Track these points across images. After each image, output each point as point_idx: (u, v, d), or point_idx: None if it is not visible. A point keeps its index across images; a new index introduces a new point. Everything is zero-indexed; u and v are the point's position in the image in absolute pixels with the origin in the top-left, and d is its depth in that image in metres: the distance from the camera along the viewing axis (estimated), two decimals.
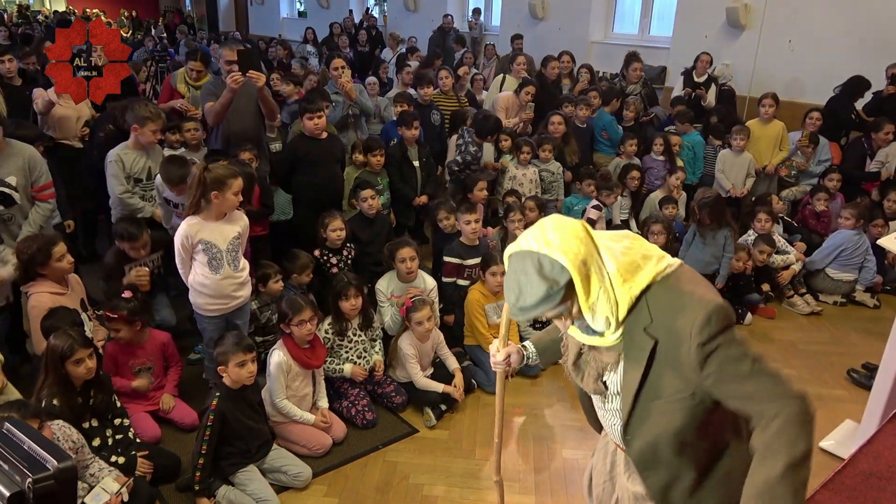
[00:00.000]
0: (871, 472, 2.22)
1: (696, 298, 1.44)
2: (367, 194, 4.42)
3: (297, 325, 3.25)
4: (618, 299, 1.47)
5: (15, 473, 0.97)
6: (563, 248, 1.43)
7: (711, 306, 1.41)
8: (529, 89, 6.08)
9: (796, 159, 6.14)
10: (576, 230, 1.46)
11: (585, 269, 1.44)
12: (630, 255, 1.49)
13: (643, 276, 1.47)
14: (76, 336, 2.82)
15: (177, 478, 3.07)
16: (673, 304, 1.46)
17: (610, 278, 1.47)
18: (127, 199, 3.99)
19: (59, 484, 0.97)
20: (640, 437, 1.62)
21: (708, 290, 1.48)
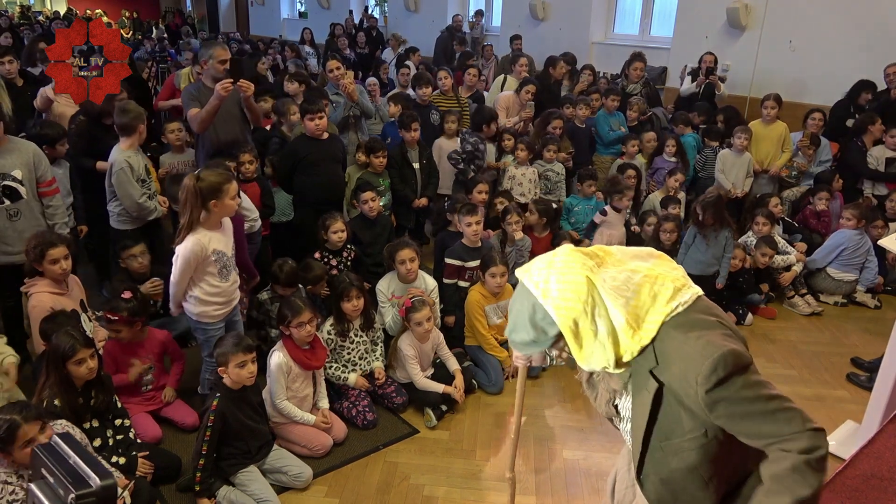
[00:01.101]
0: (871, 472, 2.22)
1: (702, 344, 1.40)
2: (367, 196, 4.42)
3: (297, 327, 3.24)
4: (622, 350, 1.46)
5: (59, 487, 1.00)
6: (558, 303, 1.44)
7: (717, 354, 1.37)
8: (530, 88, 6.09)
9: (797, 160, 6.14)
10: (577, 285, 1.44)
11: (576, 328, 1.44)
12: (641, 295, 1.45)
13: (651, 323, 1.44)
14: (78, 336, 2.82)
15: (177, 478, 3.07)
16: (680, 349, 1.43)
17: (615, 331, 1.45)
18: (144, 202, 4.01)
19: (100, 501, 0.99)
20: (653, 476, 1.60)
21: (717, 333, 1.42)
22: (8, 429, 2.28)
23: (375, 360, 3.80)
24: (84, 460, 1.08)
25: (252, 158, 4.36)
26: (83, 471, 1.05)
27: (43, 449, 1.11)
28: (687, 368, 1.40)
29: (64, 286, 3.38)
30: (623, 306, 1.44)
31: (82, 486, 1.03)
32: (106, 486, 1.03)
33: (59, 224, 3.75)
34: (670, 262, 1.58)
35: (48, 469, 1.07)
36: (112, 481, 1.07)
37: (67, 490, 1.02)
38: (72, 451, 1.09)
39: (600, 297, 1.45)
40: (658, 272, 1.49)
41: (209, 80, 4.39)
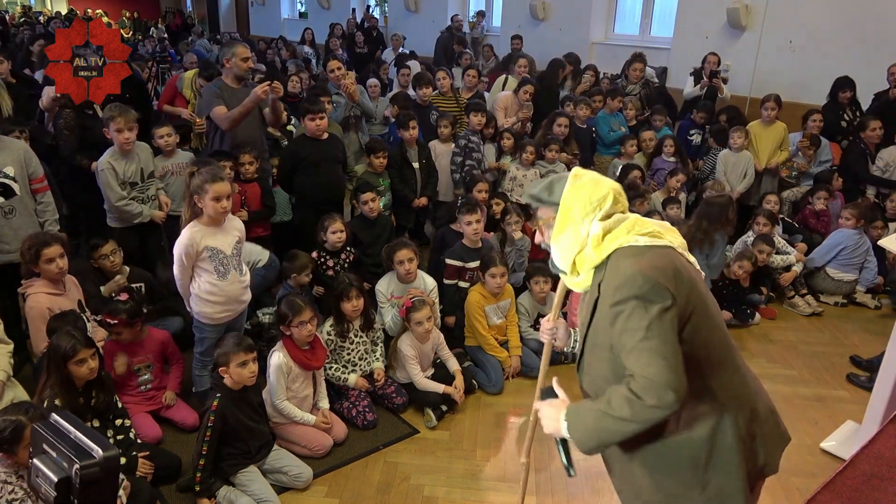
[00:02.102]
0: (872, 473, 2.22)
1: (627, 265, 1.60)
2: (367, 197, 4.42)
3: (297, 327, 3.24)
4: (582, 257, 1.71)
5: (63, 460, 1.01)
6: (572, 188, 1.71)
7: (629, 273, 1.58)
8: (528, 88, 6.10)
9: (797, 160, 6.14)
10: (601, 192, 1.70)
11: (568, 213, 1.70)
12: (621, 226, 1.68)
13: (611, 243, 1.66)
14: (78, 336, 2.83)
15: (177, 478, 3.07)
16: (617, 267, 1.63)
17: (586, 239, 1.69)
18: (123, 206, 3.98)
19: (103, 471, 1.01)
20: (585, 376, 1.86)
21: (647, 262, 1.59)
22: (13, 430, 2.28)
23: (375, 360, 3.80)
24: (85, 434, 1.09)
25: (252, 159, 4.37)
26: (85, 444, 1.06)
27: (42, 426, 1.12)
28: (611, 282, 1.62)
29: (61, 286, 3.39)
30: (603, 227, 1.68)
31: (86, 457, 1.04)
32: (109, 457, 1.05)
33: (50, 221, 3.75)
34: (679, 236, 1.75)
35: (49, 444, 1.08)
36: (114, 452, 1.08)
37: (71, 462, 1.03)
38: (72, 427, 1.10)
39: (600, 212, 1.69)
40: (647, 221, 1.71)
41: (231, 79, 4.43)
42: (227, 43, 4.80)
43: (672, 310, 1.55)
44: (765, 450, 1.71)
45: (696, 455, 1.66)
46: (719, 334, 1.69)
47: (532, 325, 4.34)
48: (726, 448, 1.65)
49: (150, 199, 4.13)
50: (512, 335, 4.13)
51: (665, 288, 1.55)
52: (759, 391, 1.76)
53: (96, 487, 1.00)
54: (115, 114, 3.87)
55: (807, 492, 2.26)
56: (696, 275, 1.69)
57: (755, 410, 1.70)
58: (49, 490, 1.00)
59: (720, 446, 1.65)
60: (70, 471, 1.00)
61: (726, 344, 1.71)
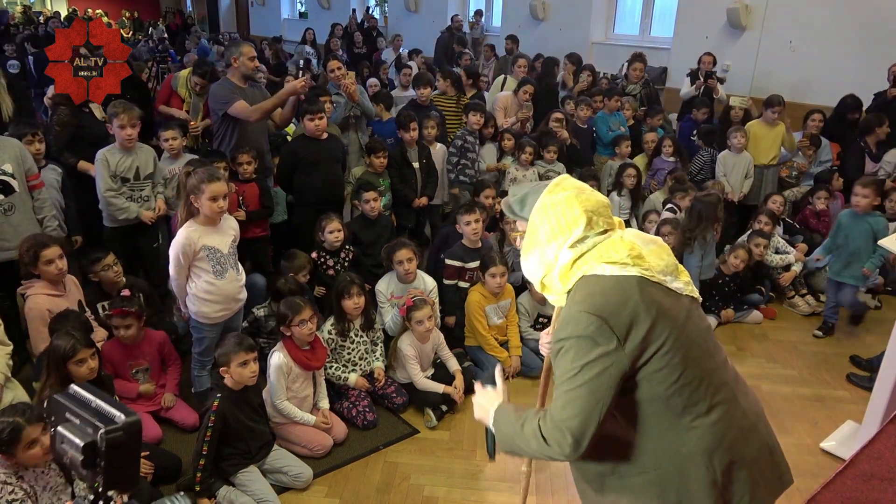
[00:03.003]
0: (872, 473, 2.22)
1: (579, 299, 1.53)
2: (369, 196, 4.41)
3: (298, 325, 3.24)
4: (553, 282, 1.63)
5: (87, 426, 1.05)
6: (541, 207, 1.60)
7: (575, 311, 1.50)
8: (527, 88, 6.10)
9: (797, 160, 6.13)
10: (568, 212, 1.58)
11: (535, 234, 1.61)
12: (593, 252, 1.57)
13: (577, 272, 1.58)
14: (79, 336, 2.82)
15: (177, 478, 3.07)
16: (573, 298, 1.56)
17: (557, 266, 1.60)
18: (110, 198, 3.99)
19: (127, 435, 1.05)
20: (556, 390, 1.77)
21: (599, 299, 1.50)
22: (11, 431, 2.28)
23: (375, 360, 3.80)
24: (105, 402, 1.12)
25: (251, 159, 4.36)
26: (107, 411, 1.10)
27: (62, 396, 1.14)
28: (564, 313, 1.56)
29: (61, 287, 3.38)
30: (573, 255, 1.57)
31: (109, 423, 1.07)
32: (132, 422, 1.08)
33: (48, 217, 3.75)
34: (669, 255, 1.63)
35: (72, 412, 1.11)
36: (136, 417, 1.11)
37: (96, 427, 1.06)
38: (93, 396, 1.14)
39: (570, 238, 1.57)
40: (627, 242, 1.57)
41: (238, 78, 4.45)
42: (233, 43, 4.84)
43: (614, 354, 1.47)
44: (749, 495, 1.57)
45: (665, 494, 1.58)
46: (697, 370, 1.54)
47: (532, 325, 4.34)
48: (696, 491, 1.56)
49: (142, 200, 4.12)
50: (512, 335, 4.13)
51: (610, 330, 1.46)
52: (751, 429, 1.61)
53: (121, 451, 1.04)
54: (119, 110, 3.93)
55: (807, 492, 2.26)
56: (672, 305, 1.54)
57: (738, 452, 1.57)
58: (76, 454, 1.04)
59: (690, 489, 1.56)
60: (95, 436, 1.04)
61: (707, 379, 1.56)
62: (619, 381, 1.48)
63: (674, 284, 1.58)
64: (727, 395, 1.58)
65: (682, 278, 1.62)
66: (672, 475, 1.56)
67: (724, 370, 1.62)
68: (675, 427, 1.55)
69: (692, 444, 1.54)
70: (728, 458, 1.55)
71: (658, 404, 1.53)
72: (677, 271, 1.62)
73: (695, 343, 1.55)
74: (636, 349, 1.48)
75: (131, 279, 3.95)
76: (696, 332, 1.56)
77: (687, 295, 1.60)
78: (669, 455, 1.56)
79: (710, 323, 1.66)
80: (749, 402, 1.65)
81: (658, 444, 1.57)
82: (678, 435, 1.55)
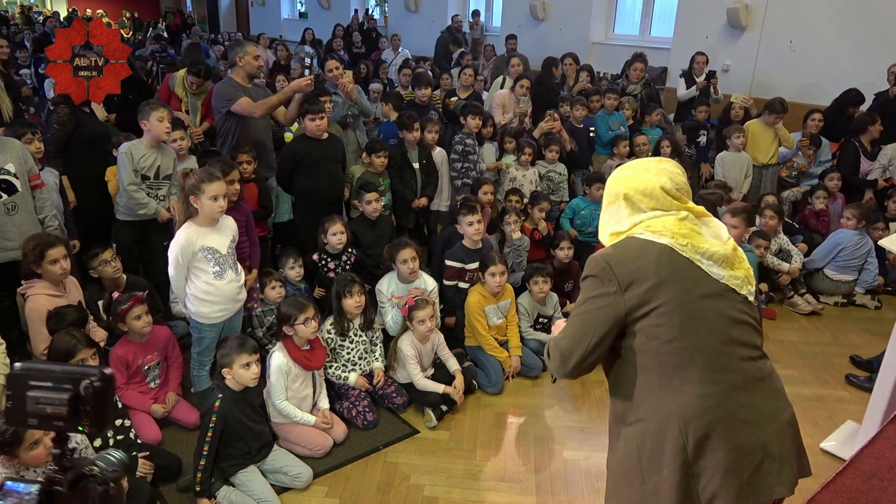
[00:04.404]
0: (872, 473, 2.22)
1: (603, 249, 1.79)
2: (371, 197, 4.41)
3: (304, 324, 3.25)
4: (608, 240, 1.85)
5: (62, 384, 1.11)
6: (625, 173, 1.82)
7: (597, 256, 1.75)
8: (524, 83, 6.08)
9: (797, 160, 6.14)
10: (616, 194, 1.81)
11: (613, 195, 1.82)
12: (644, 224, 1.75)
13: (617, 236, 1.81)
14: (79, 336, 2.82)
15: (178, 478, 3.07)
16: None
17: (610, 231, 1.83)
18: (133, 191, 3.99)
19: (105, 383, 1.11)
20: None
21: (617, 250, 1.74)
22: (14, 432, 2.27)
23: (375, 360, 3.80)
24: (69, 367, 1.16)
25: (250, 158, 4.36)
26: (75, 371, 1.14)
27: (22, 368, 1.16)
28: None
29: (62, 288, 3.39)
30: (631, 223, 1.77)
31: (85, 377, 1.12)
32: (107, 374, 1.13)
33: (49, 217, 3.76)
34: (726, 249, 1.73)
35: (39, 378, 1.13)
36: (110, 371, 1.15)
37: (75, 382, 1.11)
38: (52, 366, 1.17)
39: (621, 210, 1.80)
40: (681, 223, 1.72)
41: (242, 77, 4.47)
42: (237, 42, 4.84)
43: (612, 297, 1.67)
44: (721, 479, 1.60)
45: (643, 445, 1.69)
46: (693, 341, 1.62)
47: (532, 325, 4.34)
48: (667, 452, 1.64)
49: (159, 199, 4.14)
50: (512, 335, 4.13)
51: (614, 275, 1.67)
52: (749, 422, 1.63)
53: (101, 398, 1.11)
54: (156, 105, 4.02)
55: (807, 492, 2.26)
56: (691, 279, 1.66)
57: (721, 432, 1.61)
58: (59, 408, 1.10)
59: (664, 448, 1.65)
60: (79, 388, 1.10)
61: (705, 355, 1.63)
62: (613, 320, 1.68)
63: (712, 269, 1.68)
64: (731, 379, 1.65)
65: (731, 271, 1.70)
66: (653, 431, 1.68)
67: (741, 362, 1.67)
68: (665, 385, 1.66)
69: (673, 405, 1.65)
70: (704, 431, 1.62)
71: (653, 358, 1.67)
72: (728, 264, 1.70)
73: (702, 319, 1.65)
74: (636, 298, 1.65)
75: (132, 277, 3.95)
76: (711, 313, 1.66)
77: (725, 284, 1.68)
78: (656, 411, 1.68)
79: (750, 321, 1.71)
80: (764, 403, 1.67)
81: (650, 397, 1.69)
82: (666, 394, 1.66)
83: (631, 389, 1.72)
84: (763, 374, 1.70)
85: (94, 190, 4.45)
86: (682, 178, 1.80)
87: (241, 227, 3.66)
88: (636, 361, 1.70)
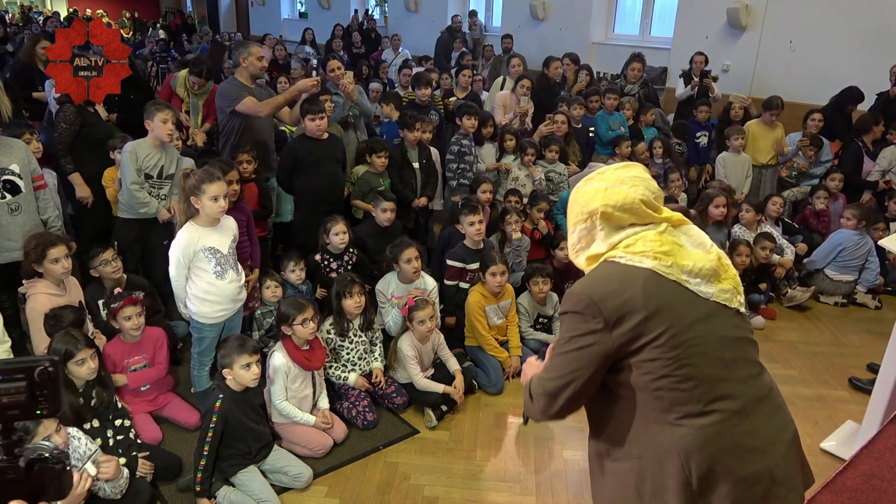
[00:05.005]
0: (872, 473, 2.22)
1: (584, 280, 1.65)
2: (388, 206, 4.37)
3: (302, 325, 3.25)
4: (582, 264, 1.73)
5: (12, 376, 1.13)
6: (575, 191, 1.72)
7: (576, 288, 1.62)
8: (524, 83, 6.08)
9: (797, 160, 6.14)
10: (589, 204, 1.66)
11: (585, 213, 1.67)
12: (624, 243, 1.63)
13: (598, 263, 1.67)
14: (79, 336, 2.82)
15: (178, 478, 3.07)
16: (585, 277, 1.68)
17: (587, 253, 1.69)
18: (135, 190, 3.99)
19: (56, 369, 1.14)
20: None
21: (600, 282, 1.60)
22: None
23: (375, 360, 3.80)
24: (8, 362, 1.17)
25: (250, 158, 4.36)
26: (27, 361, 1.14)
27: None
28: (570, 290, 1.66)
29: (62, 287, 3.39)
30: (608, 245, 1.65)
31: (34, 366, 1.13)
32: (55, 360, 1.14)
33: (52, 217, 3.77)
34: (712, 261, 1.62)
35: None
36: (56, 357, 1.19)
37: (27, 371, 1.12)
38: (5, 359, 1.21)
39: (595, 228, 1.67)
40: (663, 238, 1.60)
41: (246, 77, 4.48)
42: (241, 43, 4.84)
43: (598, 334, 1.55)
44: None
45: (642, 484, 1.60)
46: (694, 371, 1.53)
47: (532, 326, 4.34)
48: (670, 489, 1.56)
49: (160, 199, 4.14)
50: (512, 335, 4.13)
51: (599, 311, 1.54)
52: (754, 450, 1.57)
53: (54, 383, 1.13)
54: (161, 106, 4.02)
55: (807, 492, 2.26)
56: (683, 304, 1.55)
57: (725, 464, 1.54)
58: (17, 397, 1.13)
59: (666, 485, 1.56)
60: (33, 375, 1.12)
61: (707, 384, 1.55)
62: (601, 359, 1.57)
63: (699, 287, 1.57)
64: (732, 406, 1.56)
65: (719, 285, 1.60)
66: (652, 467, 1.58)
67: (740, 384, 1.58)
68: (661, 420, 1.57)
69: (672, 440, 1.55)
70: (708, 465, 1.53)
71: (647, 394, 1.56)
72: (716, 278, 1.60)
73: (700, 346, 1.54)
74: (625, 335, 1.53)
75: (133, 277, 3.95)
76: (708, 337, 1.55)
77: (715, 301, 1.58)
78: (652, 446, 1.58)
79: (744, 335, 1.63)
80: (767, 426, 1.61)
81: (644, 433, 1.59)
82: (662, 428, 1.57)
83: (620, 425, 1.63)
84: (763, 393, 1.63)
85: (96, 189, 4.45)
86: (654, 183, 1.68)
87: (242, 227, 3.67)
88: (628, 396, 1.60)
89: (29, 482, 1.16)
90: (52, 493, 1.20)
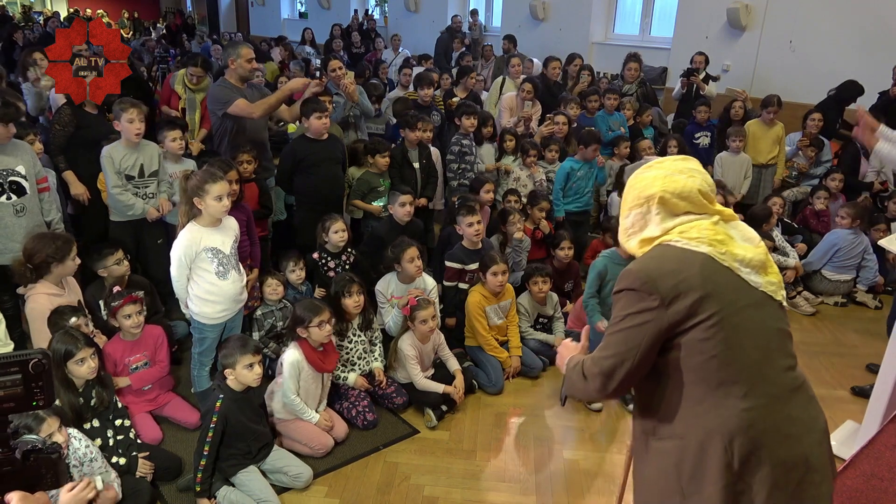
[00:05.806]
0: (872, 472, 2.23)
1: (640, 259, 1.68)
2: (406, 199, 4.33)
3: (318, 327, 3.25)
4: (634, 248, 1.76)
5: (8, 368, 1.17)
6: (633, 178, 1.75)
7: (633, 268, 1.65)
8: (527, 86, 6.09)
9: (797, 161, 6.14)
10: (646, 189, 1.70)
11: (643, 198, 1.71)
12: (677, 229, 1.67)
13: (650, 247, 1.71)
14: (79, 336, 2.82)
15: (178, 478, 3.07)
16: (640, 257, 1.71)
17: (640, 237, 1.73)
18: (117, 194, 3.98)
19: (48, 361, 1.19)
20: None
21: (656, 262, 1.64)
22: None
23: (374, 360, 3.80)
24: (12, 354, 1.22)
25: (251, 158, 4.36)
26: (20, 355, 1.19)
27: None
28: (626, 269, 1.69)
29: (62, 287, 3.39)
30: (662, 229, 1.69)
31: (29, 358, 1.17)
32: (45, 352, 1.19)
33: (56, 220, 3.77)
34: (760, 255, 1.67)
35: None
36: (49, 350, 1.27)
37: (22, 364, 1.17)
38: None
39: (665, 210, 1.69)
40: (716, 228, 1.65)
41: (235, 79, 4.46)
42: (231, 44, 4.82)
43: (654, 311, 1.58)
44: (766, 494, 1.57)
45: (682, 463, 1.63)
46: (739, 354, 1.58)
47: (532, 326, 4.34)
48: (710, 468, 1.59)
49: (147, 197, 4.13)
50: (512, 335, 4.13)
51: (656, 288, 1.58)
52: (791, 436, 1.62)
53: (49, 376, 1.18)
54: (126, 105, 3.95)
55: None
56: (734, 290, 1.60)
57: (767, 448, 1.58)
58: (13, 389, 1.17)
59: (706, 465, 1.60)
60: (28, 368, 1.16)
61: (749, 368, 1.60)
62: (655, 336, 1.60)
63: (750, 277, 1.63)
64: (772, 391, 1.61)
65: (766, 277, 1.66)
66: (694, 447, 1.61)
67: (779, 373, 1.64)
68: (707, 400, 1.60)
69: (718, 420, 1.59)
70: (750, 448, 1.57)
71: (695, 373, 1.60)
72: (764, 270, 1.66)
73: (746, 331, 1.60)
74: (679, 313, 1.57)
75: (134, 277, 3.95)
76: (754, 324, 1.61)
77: (763, 291, 1.64)
78: (696, 427, 1.62)
79: (784, 327, 1.68)
80: (802, 414, 1.66)
81: (690, 413, 1.63)
82: (707, 409, 1.60)
83: (666, 404, 1.66)
84: (798, 384, 1.67)
85: (94, 190, 4.45)
86: (710, 177, 1.74)
87: (242, 227, 3.67)
88: (675, 376, 1.63)
89: (26, 472, 1.20)
90: (48, 482, 1.22)
